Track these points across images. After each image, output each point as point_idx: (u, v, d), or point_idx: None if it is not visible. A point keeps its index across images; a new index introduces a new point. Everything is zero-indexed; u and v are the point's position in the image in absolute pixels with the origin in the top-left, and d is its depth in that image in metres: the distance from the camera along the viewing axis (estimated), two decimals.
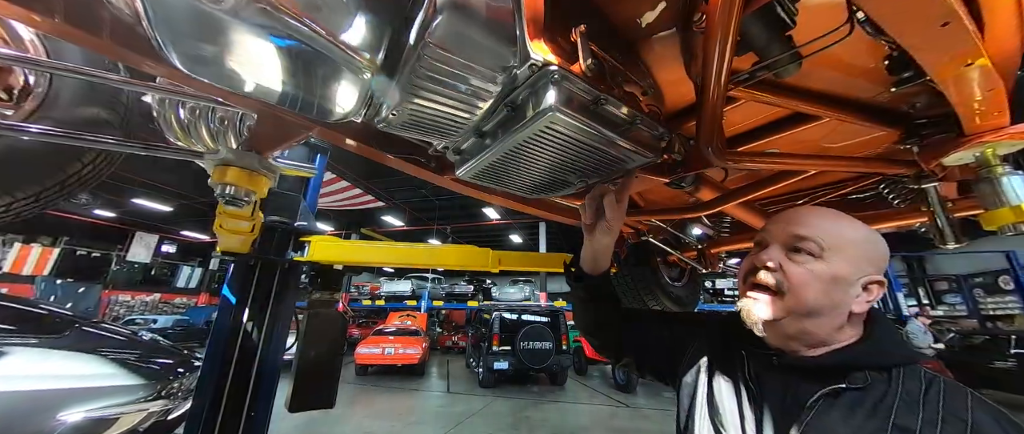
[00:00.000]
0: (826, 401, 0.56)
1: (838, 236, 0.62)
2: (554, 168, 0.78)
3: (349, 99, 0.53)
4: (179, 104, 0.93)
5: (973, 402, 0.52)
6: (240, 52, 0.44)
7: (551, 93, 0.56)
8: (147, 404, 2.80)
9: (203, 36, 0.42)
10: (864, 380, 0.56)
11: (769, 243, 0.66)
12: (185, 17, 0.40)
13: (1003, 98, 0.82)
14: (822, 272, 0.60)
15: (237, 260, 1.74)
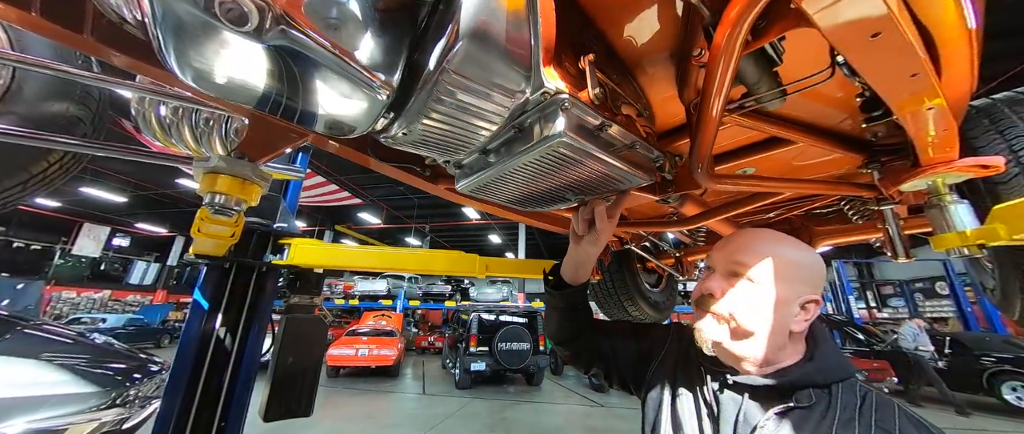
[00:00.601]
0: (775, 420, 0.60)
1: (771, 259, 0.66)
2: (554, 186, 0.80)
3: (364, 118, 0.53)
4: (160, 103, 0.87)
5: (900, 415, 0.58)
6: (256, 71, 0.43)
7: (561, 120, 0.58)
8: (99, 413, 2.60)
9: (218, 55, 0.41)
10: (809, 398, 0.60)
11: (713, 268, 0.71)
12: (201, 35, 0.39)
13: (954, 135, 0.92)
14: (760, 296, 0.64)
15: (211, 263, 1.65)
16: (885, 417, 0.57)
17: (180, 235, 21.40)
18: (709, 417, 0.67)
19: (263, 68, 0.43)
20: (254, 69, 0.43)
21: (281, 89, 0.45)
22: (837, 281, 12.97)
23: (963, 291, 10.73)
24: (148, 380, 3.11)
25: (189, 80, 0.45)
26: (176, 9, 0.36)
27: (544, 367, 9.25)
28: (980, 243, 0.98)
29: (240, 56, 0.41)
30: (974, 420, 6.36)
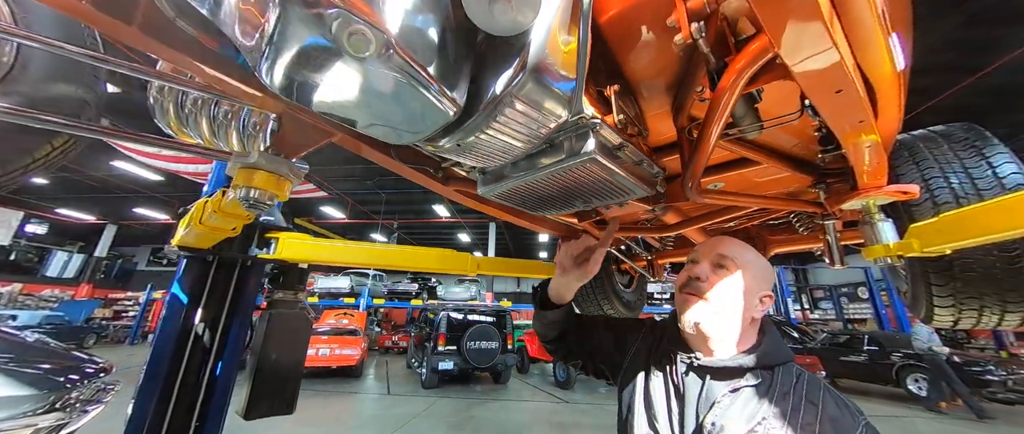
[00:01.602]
0: (730, 396, 0.72)
1: (746, 259, 0.82)
2: (570, 193, 0.90)
3: (427, 129, 0.59)
4: (181, 94, 0.86)
5: (823, 390, 0.72)
6: (353, 86, 0.49)
7: (591, 141, 0.68)
8: (35, 419, 2.35)
9: (325, 72, 0.46)
10: (756, 378, 0.73)
11: (700, 260, 0.84)
12: (317, 55, 0.44)
13: (884, 165, 1.13)
14: (736, 283, 0.79)
15: (193, 255, 1.58)
16: (812, 392, 0.71)
17: (111, 223, 19.26)
18: (676, 396, 0.78)
19: (360, 85, 0.48)
20: (351, 85, 0.48)
21: (368, 103, 0.51)
22: (777, 284, 14.28)
23: (879, 296, 12.22)
24: (90, 382, 2.84)
25: (276, 87, 0.50)
26: (302, 33, 0.42)
27: (512, 365, 9.38)
28: (899, 254, 1.20)
29: (344, 74, 0.46)
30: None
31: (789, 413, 0.68)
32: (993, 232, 0.99)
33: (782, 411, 0.68)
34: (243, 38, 0.46)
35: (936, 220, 1.10)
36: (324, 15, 0.40)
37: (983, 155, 1.41)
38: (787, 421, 0.66)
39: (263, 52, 0.46)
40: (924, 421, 6.54)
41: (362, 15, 0.41)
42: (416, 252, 1.82)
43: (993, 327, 1.55)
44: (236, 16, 0.44)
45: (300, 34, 0.42)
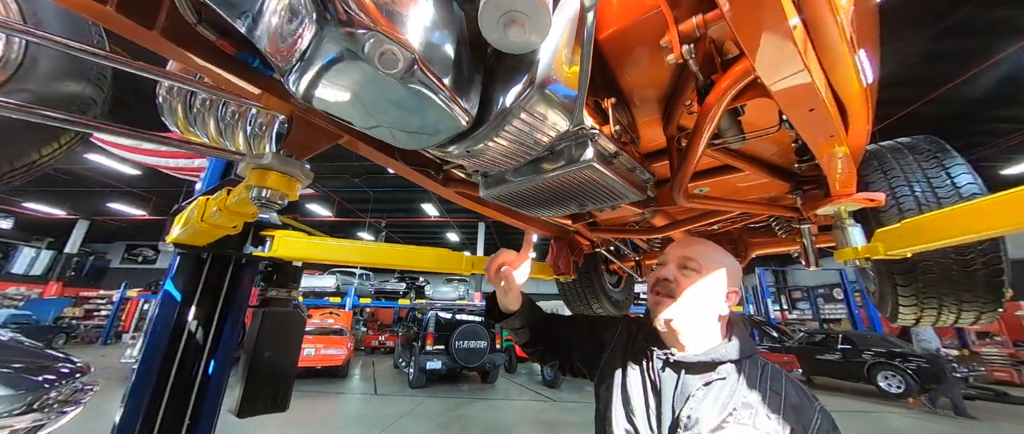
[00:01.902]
0: (703, 389, 0.77)
1: (711, 259, 0.85)
2: (567, 197, 0.95)
3: (440, 138, 0.64)
4: (189, 94, 0.87)
5: (785, 380, 0.78)
6: (377, 98, 0.53)
7: (589, 150, 0.74)
8: (11, 420, 2.28)
9: (351, 83, 0.50)
10: (727, 371, 0.78)
11: (668, 263, 0.88)
12: (349, 70, 0.48)
13: (853, 174, 1.22)
14: (702, 282, 0.83)
15: (187, 253, 1.57)
16: (776, 383, 0.77)
17: (83, 219, 18.47)
18: (653, 391, 0.82)
19: (385, 97, 0.53)
20: (377, 97, 0.52)
21: (390, 112, 0.55)
22: (758, 285, 14.71)
23: (854, 297, 12.73)
24: (67, 382, 2.76)
25: (304, 96, 0.54)
26: (336, 50, 0.45)
27: (500, 365, 9.41)
28: (866, 256, 1.30)
29: (372, 87, 0.51)
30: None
31: (756, 403, 0.74)
32: (949, 237, 1.09)
33: (750, 401, 0.74)
34: (275, 52, 0.49)
35: (899, 226, 1.19)
36: (358, 36, 0.44)
37: (943, 166, 1.52)
38: (755, 410, 0.73)
39: (294, 65, 0.49)
40: (894, 416, 6.87)
41: (393, 36, 0.45)
42: (411, 251, 1.85)
43: (951, 324, 1.68)
44: (272, 33, 0.47)
45: (334, 51, 0.46)
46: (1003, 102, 7.79)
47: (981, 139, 9.34)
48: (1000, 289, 1.44)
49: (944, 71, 6.89)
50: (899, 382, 7.78)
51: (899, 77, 6.95)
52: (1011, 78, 7.03)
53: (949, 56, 6.61)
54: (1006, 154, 9.63)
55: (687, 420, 0.75)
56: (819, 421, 0.72)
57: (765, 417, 0.71)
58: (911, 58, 6.62)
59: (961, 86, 7.15)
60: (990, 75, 6.95)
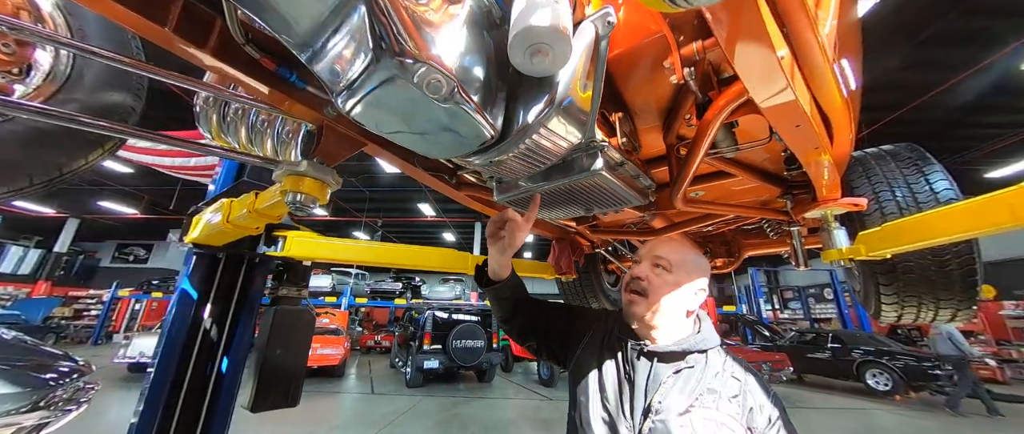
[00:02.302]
0: (673, 376, 0.83)
1: (681, 259, 0.90)
2: (575, 201, 1.03)
3: (465, 150, 0.71)
4: (223, 104, 0.93)
5: (743, 368, 0.86)
6: (419, 116, 0.60)
7: (599, 160, 0.81)
8: (19, 417, 2.30)
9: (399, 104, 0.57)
10: (694, 360, 0.85)
11: (641, 262, 0.93)
12: (398, 93, 0.55)
13: (838, 181, 1.32)
14: (669, 281, 0.88)
15: (203, 252, 1.62)
16: (736, 371, 0.86)
17: (73, 217, 18.20)
18: (627, 380, 0.87)
19: (425, 115, 0.60)
20: (419, 116, 0.60)
21: (427, 128, 0.63)
22: (751, 285, 14.93)
23: (843, 297, 12.98)
24: (71, 381, 2.78)
25: (350, 112, 0.60)
26: (388, 77, 0.52)
27: (496, 364, 9.47)
28: (850, 257, 1.39)
29: (415, 107, 0.58)
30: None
31: (720, 388, 0.82)
32: (926, 239, 1.18)
33: (714, 387, 0.82)
34: (328, 76, 0.56)
35: (880, 229, 1.29)
36: (409, 65, 0.51)
37: (923, 173, 1.63)
38: (718, 395, 0.81)
39: (346, 86, 0.56)
40: (881, 413, 7.05)
41: (439, 66, 0.52)
42: (418, 251, 1.92)
43: (929, 321, 1.78)
44: (330, 60, 0.54)
45: (386, 77, 0.52)
46: (986, 108, 8.03)
47: (965, 144, 9.61)
48: (974, 288, 1.55)
49: (928, 78, 7.10)
50: (887, 380, 7.97)
51: (884, 83, 7.14)
52: (993, 85, 7.27)
53: (933, 64, 6.82)
54: (989, 158, 9.92)
55: (658, 405, 0.81)
56: (773, 404, 0.82)
57: (727, 401, 0.80)
58: (895, 65, 6.81)
59: (945, 93, 7.37)
60: (974, 82, 7.18)
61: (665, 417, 0.79)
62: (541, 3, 0.57)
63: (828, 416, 6.64)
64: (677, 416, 0.79)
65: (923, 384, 7.67)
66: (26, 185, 0.90)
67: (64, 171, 0.94)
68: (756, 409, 0.81)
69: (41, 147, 0.86)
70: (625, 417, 0.84)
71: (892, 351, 8.27)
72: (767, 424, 0.80)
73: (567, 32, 0.57)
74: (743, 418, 0.80)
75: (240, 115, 1.00)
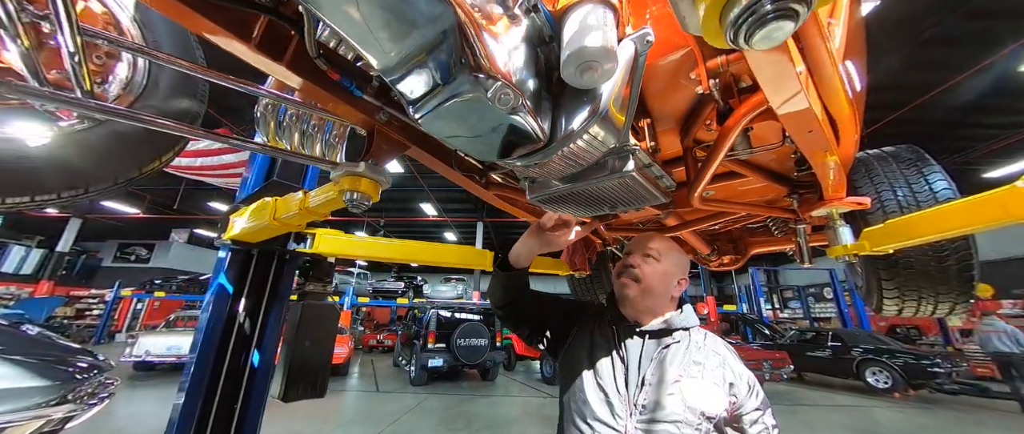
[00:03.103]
0: (661, 351, 0.95)
1: (668, 252, 1.04)
2: (602, 200, 1.11)
3: (520, 152, 0.79)
4: (282, 109, 1.01)
5: (724, 343, 0.99)
6: (485, 125, 0.68)
7: (631, 162, 0.90)
8: (48, 410, 2.38)
9: (472, 116, 0.65)
10: (679, 337, 0.97)
11: (633, 253, 1.06)
12: (472, 106, 0.63)
13: (843, 180, 1.40)
14: (659, 269, 1.01)
15: (239, 248, 1.70)
16: (716, 346, 0.98)
17: (75, 216, 18.25)
18: (619, 358, 0.97)
19: (491, 125, 0.68)
20: (485, 125, 0.68)
21: (489, 136, 0.71)
22: (751, 284, 15.02)
23: (843, 296, 13.08)
24: (94, 376, 2.85)
25: (422, 123, 0.69)
26: (464, 91, 0.60)
27: (500, 362, 9.54)
28: (855, 253, 1.48)
29: (481, 116, 0.66)
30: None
31: (704, 360, 0.94)
32: (926, 235, 1.26)
33: (699, 359, 0.94)
34: (407, 91, 0.64)
35: (883, 225, 1.37)
36: (484, 82, 0.59)
37: (922, 173, 1.71)
38: (703, 366, 0.93)
39: (423, 99, 0.64)
40: (880, 410, 7.15)
41: (508, 82, 0.60)
42: (439, 248, 2.00)
43: (928, 315, 1.87)
44: (411, 79, 0.62)
45: (463, 92, 0.61)
46: (985, 109, 8.14)
47: (964, 144, 9.71)
48: (971, 283, 1.63)
49: (929, 78, 7.20)
50: (886, 377, 8.06)
51: (885, 83, 7.24)
52: (992, 86, 7.37)
53: (933, 64, 6.91)
54: (988, 158, 10.03)
55: (651, 378, 0.93)
56: (748, 374, 0.95)
57: (711, 370, 0.92)
58: (896, 65, 6.91)
59: (944, 93, 7.47)
60: (973, 83, 7.28)
61: (657, 387, 0.91)
62: (593, 26, 0.65)
63: (829, 413, 6.73)
64: (668, 385, 0.90)
65: (922, 382, 7.76)
66: (111, 184, 0.98)
67: (143, 170, 1.02)
68: (736, 379, 0.93)
69: (123, 150, 0.94)
70: (619, 392, 0.93)
71: (892, 349, 8.36)
72: (747, 390, 0.93)
73: (615, 52, 0.65)
74: (725, 386, 0.92)
75: (295, 120, 1.08)
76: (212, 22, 0.70)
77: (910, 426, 6.16)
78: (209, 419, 1.55)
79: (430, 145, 1.11)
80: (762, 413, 0.93)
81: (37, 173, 0.85)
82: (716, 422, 0.89)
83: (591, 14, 0.66)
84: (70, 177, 0.90)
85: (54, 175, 0.88)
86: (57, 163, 0.86)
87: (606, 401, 0.93)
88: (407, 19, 0.52)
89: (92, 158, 0.90)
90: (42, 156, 0.84)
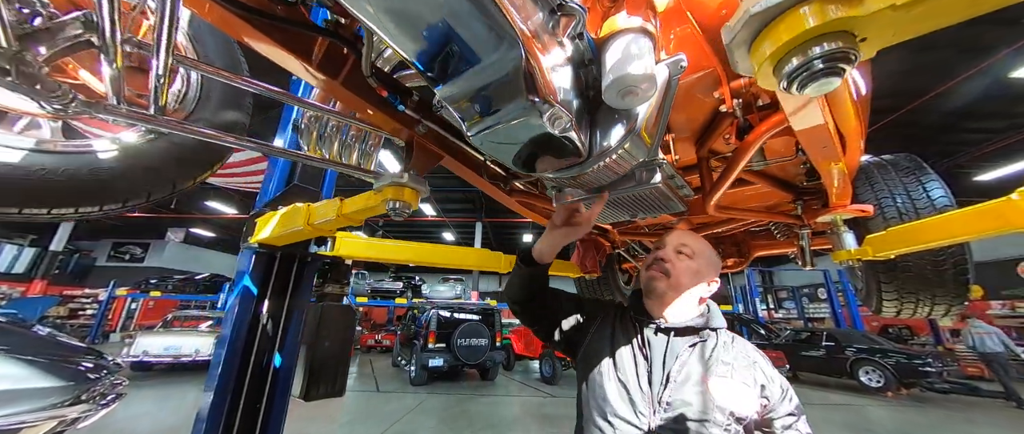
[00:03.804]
0: (689, 350, 0.93)
1: (701, 250, 1.02)
2: (626, 207, 1.17)
3: (557, 166, 0.85)
4: (322, 122, 1.06)
5: (751, 347, 0.97)
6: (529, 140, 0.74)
7: (658, 175, 0.96)
8: (63, 410, 2.40)
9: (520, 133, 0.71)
10: (706, 336, 0.95)
11: (665, 247, 1.03)
12: (524, 128, 0.69)
13: (848, 189, 1.47)
14: (691, 267, 0.99)
15: (264, 252, 1.74)
16: (744, 347, 0.97)
17: None
18: (642, 355, 0.95)
19: (541, 143, 0.74)
20: (533, 140, 0.74)
21: (533, 150, 0.77)
22: (747, 285, 15.20)
23: (836, 296, 13.28)
24: (111, 375, 2.88)
25: (474, 135, 0.74)
26: (522, 114, 0.66)
27: (500, 362, 9.59)
28: (858, 258, 1.55)
29: (535, 137, 0.72)
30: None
31: (732, 360, 0.92)
32: (926, 242, 1.34)
33: (727, 359, 0.92)
34: (464, 113, 0.70)
35: (886, 232, 1.45)
36: (540, 106, 0.65)
37: (920, 181, 1.79)
38: (731, 366, 0.91)
39: (479, 120, 0.70)
40: (873, 408, 7.30)
41: (562, 106, 0.66)
42: (457, 251, 2.05)
43: (925, 317, 1.95)
44: (471, 104, 0.68)
45: (521, 115, 0.67)
46: (977, 114, 8.32)
47: (956, 148, 9.91)
48: (966, 286, 1.72)
49: (923, 83, 7.36)
50: (879, 376, 8.22)
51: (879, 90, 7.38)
52: (985, 91, 7.54)
53: (928, 68, 7.06)
54: (979, 162, 10.24)
55: (676, 375, 0.90)
56: (781, 378, 0.93)
57: (741, 371, 0.90)
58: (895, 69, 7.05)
59: (938, 98, 7.63)
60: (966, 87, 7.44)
61: (683, 385, 0.89)
62: (635, 54, 0.71)
63: (824, 411, 6.86)
64: (694, 384, 0.88)
65: (914, 380, 7.92)
66: (170, 192, 1.02)
67: (197, 180, 1.07)
68: (768, 382, 0.90)
69: (181, 160, 0.99)
70: (642, 389, 0.91)
71: (884, 349, 8.52)
72: (781, 394, 0.91)
73: (655, 78, 0.71)
74: (756, 387, 0.89)
75: (335, 131, 1.13)
76: (278, 44, 0.75)
77: (902, 423, 6.30)
78: (237, 414, 1.59)
79: (462, 155, 1.17)
80: (796, 419, 0.90)
81: (107, 183, 0.90)
82: (746, 424, 0.87)
83: (633, 43, 0.72)
84: (134, 186, 0.94)
85: (121, 185, 0.92)
86: (124, 173, 0.91)
87: (628, 398, 0.91)
88: (479, 55, 0.57)
89: (153, 168, 0.94)
90: (111, 167, 0.89)
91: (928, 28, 0.41)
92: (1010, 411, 7.06)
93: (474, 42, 0.57)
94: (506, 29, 0.57)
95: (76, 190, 0.87)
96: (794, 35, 0.42)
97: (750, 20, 0.45)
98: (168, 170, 0.98)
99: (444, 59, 0.63)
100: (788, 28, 0.42)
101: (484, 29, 0.56)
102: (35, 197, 0.84)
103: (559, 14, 0.69)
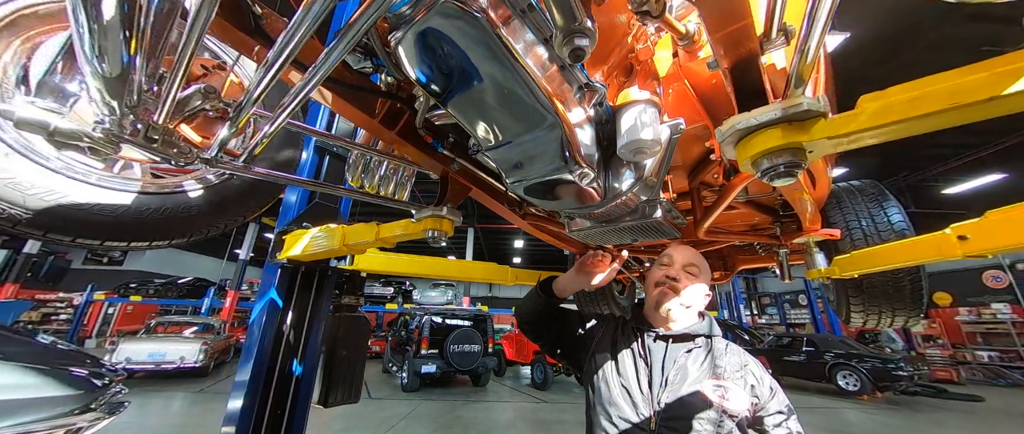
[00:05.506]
0: (685, 355, 1.03)
1: (705, 269, 1.13)
2: (627, 234, 1.35)
3: (576, 207, 1.02)
4: (367, 158, 1.20)
5: (742, 353, 1.06)
6: (564, 193, 0.91)
7: (659, 211, 1.14)
8: (73, 418, 2.43)
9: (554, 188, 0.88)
10: (701, 342, 1.06)
11: (674, 265, 1.13)
12: (557, 180, 0.85)
13: (817, 216, 1.68)
14: (698, 284, 1.10)
15: (289, 266, 1.85)
16: (737, 353, 1.06)
17: None
18: (643, 362, 1.05)
19: (569, 192, 0.91)
20: (565, 192, 0.90)
21: (566, 200, 0.93)
22: (731, 292, 15.66)
23: (816, 303, 13.81)
24: (112, 385, 2.90)
25: (513, 184, 0.91)
26: (559, 175, 0.83)
27: (492, 368, 9.66)
28: (828, 276, 1.77)
29: (564, 189, 0.89)
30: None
31: (725, 364, 1.02)
32: (881, 265, 1.55)
33: (721, 363, 1.02)
34: (508, 170, 0.86)
35: (850, 255, 1.66)
36: (574, 168, 0.82)
37: (882, 207, 2.03)
38: (724, 368, 1.01)
39: (521, 178, 0.87)
40: (849, 411, 7.65)
41: (591, 168, 0.83)
42: (465, 265, 2.20)
43: (887, 327, 2.18)
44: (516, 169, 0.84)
45: (558, 175, 0.83)
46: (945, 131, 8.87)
47: (924, 164, 10.51)
48: (921, 300, 1.95)
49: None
50: (855, 380, 8.61)
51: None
52: None
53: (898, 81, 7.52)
54: (946, 176, 10.88)
55: (674, 378, 1.00)
56: (771, 380, 1.03)
57: (732, 372, 1.01)
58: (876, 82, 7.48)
59: None
60: None
61: (679, 385, 0.99)
62: (646, 122, 0.89)
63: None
64: (689, 385, 0.98)
65: (887, 384, 8.33)
66: (238, 223, 1.14)
67: (248, 216, 1.19)
68: (757, 383, 1.00)
69: (247, 196, 1.11)
70: (643, 392, 1.01)
71: (860, 354, 8.92)
72: (769, 393, 1.01)
73: (661, 141, 0.89)
74: (747, 388, 0.99)
75: (376, 165, 1.27)
76: (352, 105, 0.90)
77: (875, 425, 6.64)
78: (263, 422, 1.69)
79: (487, 187, 1.33)
80: (786, 417, 0.98)
81: (192, 220, 1.02)
82: (738, 421, 0.95)
83: (644, 112, 0.89)
84: (212, 220, 1.06)
85: (202, 221, 1.04)
86: (207, 210, 1.03)
87: (630, 401, 1.01)
88: (528, 131, 0.74)
89: (228, 204, 1.06)
90: (199, 205, 1.01)
91: (855, 146, 0.59)
92: (975, 413, 7.49)
93: (526, 120, 0.73)
94: (550, 111, 0.74)
95: (173, 227, 0.98)
96: (762, 149, 0.60)
97: (734, 133, 0.63)
98: (239, 205, 1.10)
99: (499, 131, 0.79)
100: (760, 142, 0.60)
101: (536, 113, 0.72)
102: (143, 236, 0.95)
103: (586, 90, 0.86)
